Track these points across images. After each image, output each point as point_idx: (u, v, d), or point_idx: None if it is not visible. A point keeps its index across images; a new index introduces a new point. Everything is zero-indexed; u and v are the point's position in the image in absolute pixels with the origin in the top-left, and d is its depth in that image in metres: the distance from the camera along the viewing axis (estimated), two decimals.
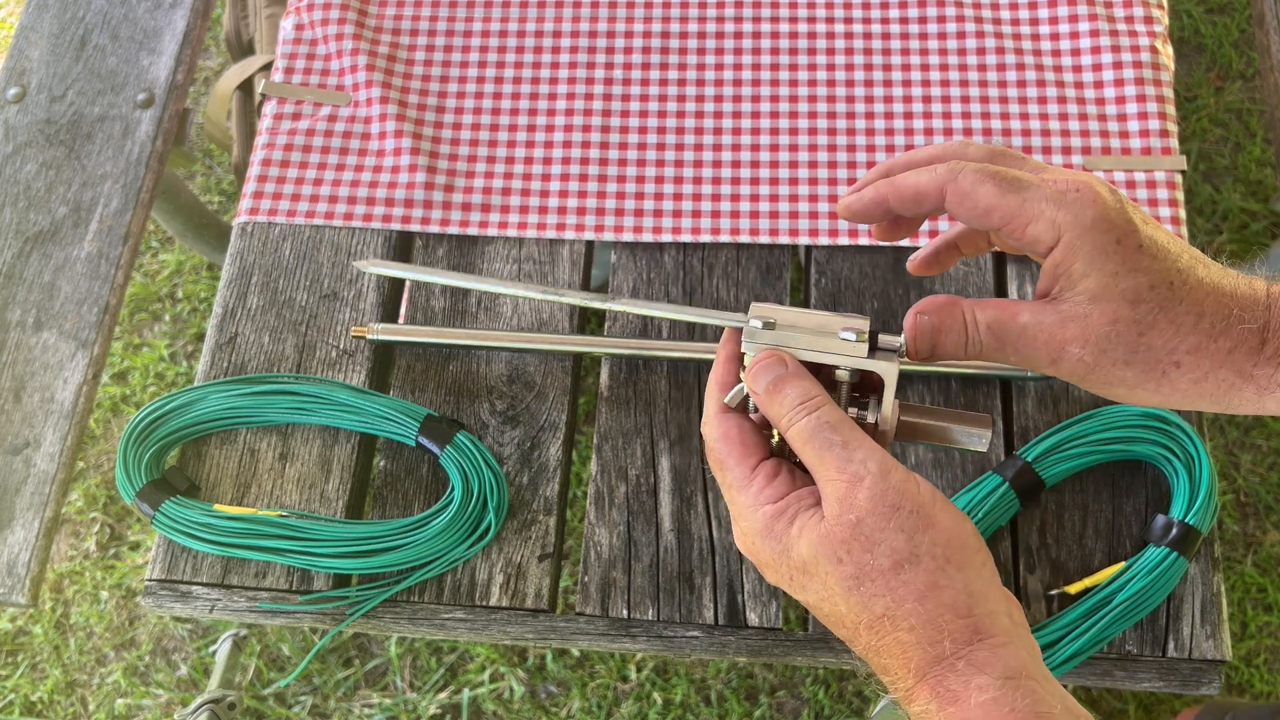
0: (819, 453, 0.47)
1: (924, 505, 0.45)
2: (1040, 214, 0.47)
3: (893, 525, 0.45)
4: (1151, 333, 0.47)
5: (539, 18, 1.01)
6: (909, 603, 0.44)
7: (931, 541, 0.45)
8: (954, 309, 0.49)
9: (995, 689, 0.42)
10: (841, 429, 0.47)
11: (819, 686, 1.45)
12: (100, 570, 1.59)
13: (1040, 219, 0.47)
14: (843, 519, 0.45)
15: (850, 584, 0.45)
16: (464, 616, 0.80)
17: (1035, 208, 0.47)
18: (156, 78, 1.09)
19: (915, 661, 0.44)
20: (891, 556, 0.45)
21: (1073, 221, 0.47)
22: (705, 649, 0.78)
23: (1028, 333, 0.48)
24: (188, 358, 1.74)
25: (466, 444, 0.81)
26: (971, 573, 0.45)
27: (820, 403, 0.48)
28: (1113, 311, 0.47)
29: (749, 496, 0.49)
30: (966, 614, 0.44)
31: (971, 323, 0.49)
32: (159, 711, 1.50)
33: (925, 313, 0.50)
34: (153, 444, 0.83)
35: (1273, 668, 1.44)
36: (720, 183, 0.93)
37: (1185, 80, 1.82)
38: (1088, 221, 0.47)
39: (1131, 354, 0.47)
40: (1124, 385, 0.48)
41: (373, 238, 0.92)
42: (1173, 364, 0.47)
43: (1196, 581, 0.77)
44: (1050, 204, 0.47)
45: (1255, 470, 1.57)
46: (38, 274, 1.00)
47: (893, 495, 0.45)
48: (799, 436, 0.48)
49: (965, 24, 0.97)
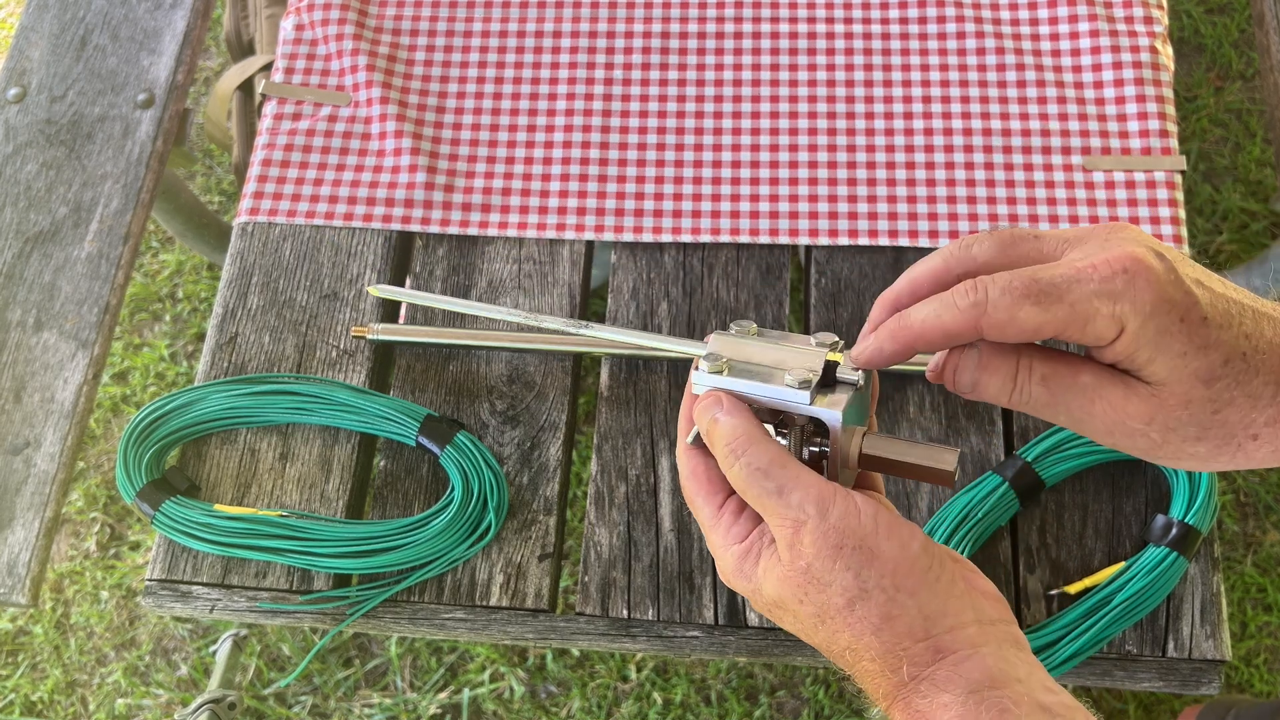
0: (757, 500, 0.47)
1: (866, 538, 0.45)
2: (1095, 312, 0.42)
3: (839, 566, 0.45)
4: (1227, 410, 0.43)
5: (539, 18, 1.01)
6: (866, 636, 0.45)
7: (879, 574, 0.44)
8: (1008, 351, 0.45)
9: (959, 705, 0.42)
10: (773, 473, 0.46)
11: (819, 686, 1.45)
12: (100, 570, 1.60)
13: (1097, 317, 0.42)
14: (794, 565, 0.46)
15: (815, 621, 0.46)
16: (464, 616, 0.80)
17: (1088, 308, 0.42)
18: (157, 78, 1.09)
19: (882, 688, 0.45)
20: (844, 595, 0.45)
21: (1133, 311, 0.42)
22: (705, 649, 0.78)
23: (1087, 396, 0.44)
24: (188, 358, 1.74)
25: (466, 444, 0.81)
26: (925, 595, 0.45)
27: (744, 445, 0.46)
28: (1185, 394, 0.43)
29: (719, 535, 0.49)
30: (924, 637, 0.44)
31: (1025, 369, 0.45)
32: (159, 711, 1.50)
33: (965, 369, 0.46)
34: (153, 444, 0.83)
35: (1273, 667, 1.45)
36: (720, 183, 0.93)
37: (1185, 80, 1.82)
38: (1148, 308, 0.42)
39: (1204, 431, 0.43)
40: (1194, 460, 0.45)
41: (373, 238, 0.92)
42: (1249, 437, 0.44)
43: (1196, 581, 0.77)
44: (1104, 300, 0.42)
45: (1255, 470, 1.57)
46: (38, 274, 1.00)
47: (833, 535, 0.45)
48: (736, 483, 0.47)
49: (965, 24, 0.97)
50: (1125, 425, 0.44)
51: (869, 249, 0.90)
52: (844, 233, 0.90)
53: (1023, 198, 0.90)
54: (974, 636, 0.44)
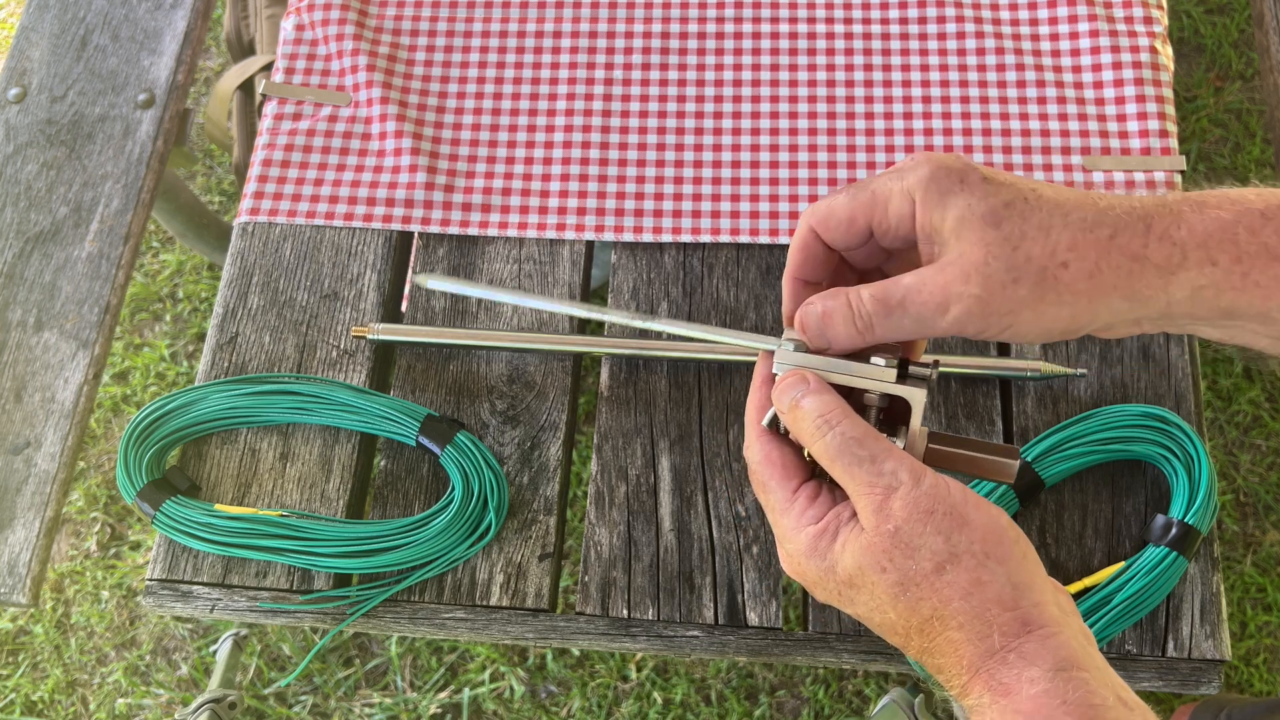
0: (848, 469, 0.48)
1: (956, 505, 0.46)
2: (889, 191, 0.49)
3: (929, 529, 0.45)
4: (1025, 243, 0.46)
5: (539, 18, 1.01)
6: (955, 601, 0.45)
7: (969, 539, 0.45)
8: (838, 292, 0.50)
9: (1046, 681, 0.43)
10: (867, 443, 0.48)
11: (819, 686, 1.45)
12: (101, 570, 1.60)
13: (892, 196, 0.49)
14: (881, 529, 0.46)
15: (896, 590, 0.46)
16: (464, 616, 0.80)
17: (884, 188, 0.49)
18: (157, 78, 1.09)
19: (967, 658, 0.45)
20: (932, 559, 0.45)
21: (916, 181, 0.48)
22: (705, 649, 0.78)
23: (911, 291, 0.48)
24: (188, 358, 1.74)
25: (467, 444, 0.81)
26: (1013, 565, 0.45)
27: (840, 417, 0.49)
28: (980, 239, 0.47)
29: (792, 519, 0.50)
30: (1013, 606, 0.44)
31: (856, 300, 0.49)
32: (160, 711, 1.50)
33: (811, 301, 0.51)
34: (153, 444, 0.83)
35: (1272, 667, 1.45)
36: (720, 183, 0.93)
37: (1185, 80, 1.82)
38: (927, 175, 0.48)
39: (1015, 270, 0.46)
40: (1027, 308, 0.47)
41: (373, 238, 0.93)
42: (1059, 265, 0.46)
43: (1196, 581, 0.77)
44: (894, 179, 0.49)
45: (1255, 470, 1.57)
46: (38, 274, 1.00)
47: (925, 500, 0.46)
48: (825, 453, 0.49)
49: (965, 24, 0.97)
50: (949, 293, 0.47)
51: None
52: None
53: None
54: (1057, 617, 0.45)
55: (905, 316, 0.48)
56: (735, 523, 0.81)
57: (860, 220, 0.50)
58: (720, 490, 0.82)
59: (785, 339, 0.52)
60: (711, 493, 0.82)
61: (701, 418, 0.84)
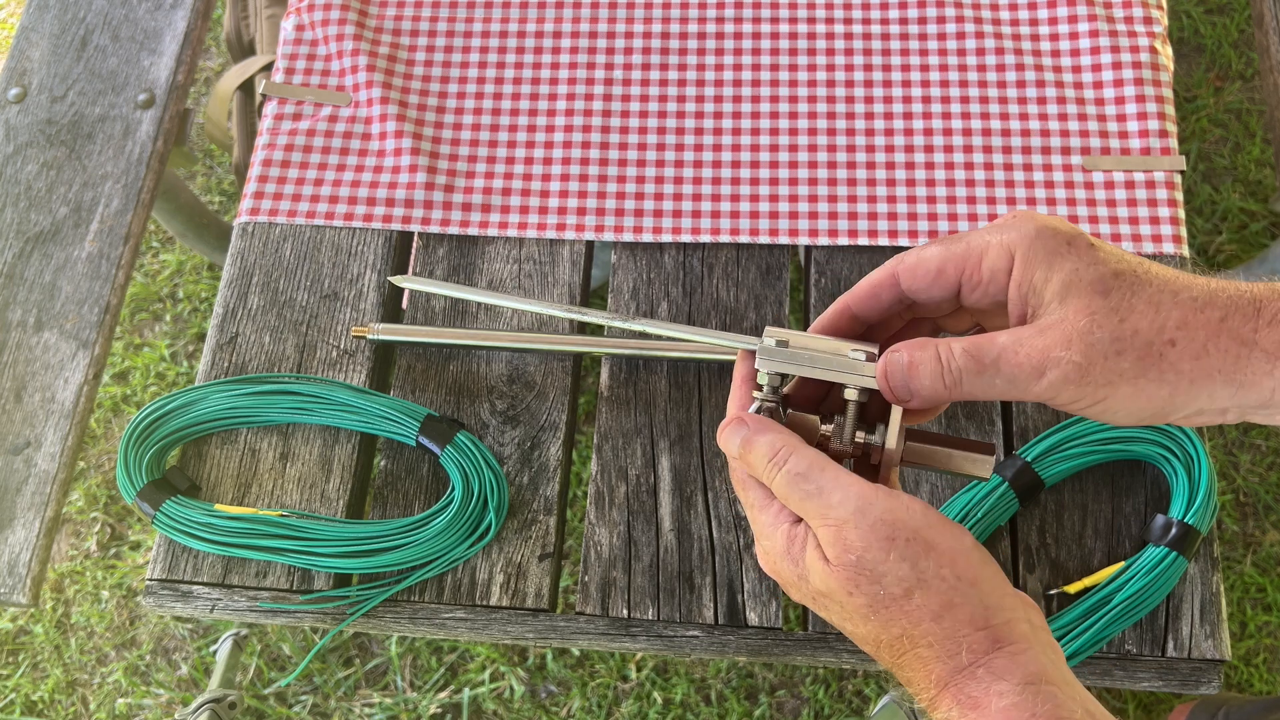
0: (799, 505, 0.48)
1: (919, 530, 0.46)
2: (988, 245, 0.48)
3: (893, 557, 0.45)
4: (1133, 316, 0.45)
5: (539, 18, 1.01)
6: (925, 623, 0.45)
7: (937, 564, 0.45)
8: (926, 343, 0.48)
9: (1015, 694, 0.43)
10: (812, 475, 0.48)
11: (819, 686, 1.45)
12: (101, 570, 1.60)
13: (989, 249, 0.48)
14: (843, 560, 0.46)
15: (866, 612, 0.46)
16: (464, 616, 0.80)
17: (980, 242, 0.48)
18: (157, 78, 1.09)
19: (936, 673, 0.45)
20: (900, 585, 0.45)
21: (1019, 238, 0.47)
22: (705, 648, 0.78)
23: (1007, 350, 0.46)
24: (188, 358, 1.74)
25: (467, 444, 0.81)
26: (985, 586, 0.46)
27: (786, 455, 0.49)
28: (1086, 306, 0.45)
29: (770, 516, 0.50)
30: (984, 625, 0.45)
31: (946, 353, 0.47)
32: (160, 711, 1.50)
33: (897, 350, 0.49)
34: (153, 444, 0.83)
35: (1272, 667, 1.45)
36: (720, 183, 0.93)
37: (1185, 80, 1.82)
38: (1033, 232, 0.47)
39: (1120, 342, 0.45)
40: (1127, 383, 0.45)
41: (373, 238, 0.93)
42: (1166, 343, 0.45)
43: (1196, 581, 0.77)
44: (994, 233, 0.48)
45: (1254, 470, 1.57)
46: (39, 274, 1.00)
47: (882, 528, 0.46)
48: (779, 492, 0.49)
49: (965, 24, 0.97)
50: (1048, 357, 0.45)
51: (869, 249, 0.90)
52: (844, 233, 0.90)
53: (1022, 198, 0.90)
54: (1026, 633, 0.45)
55: (998, 376, 0.47)
56: (735, 523, 0.81)
57: (951, 272, 0.49)
58: (720, 490, 0.82)
59: (767, 336, 0.52)
60: (711, 493, 0.82)
61: (701, 418, 0.84)
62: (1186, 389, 0.45)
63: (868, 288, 0.52)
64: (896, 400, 0.50)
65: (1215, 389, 0.45)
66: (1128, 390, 0.45)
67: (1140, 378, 0.45)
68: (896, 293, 0.51)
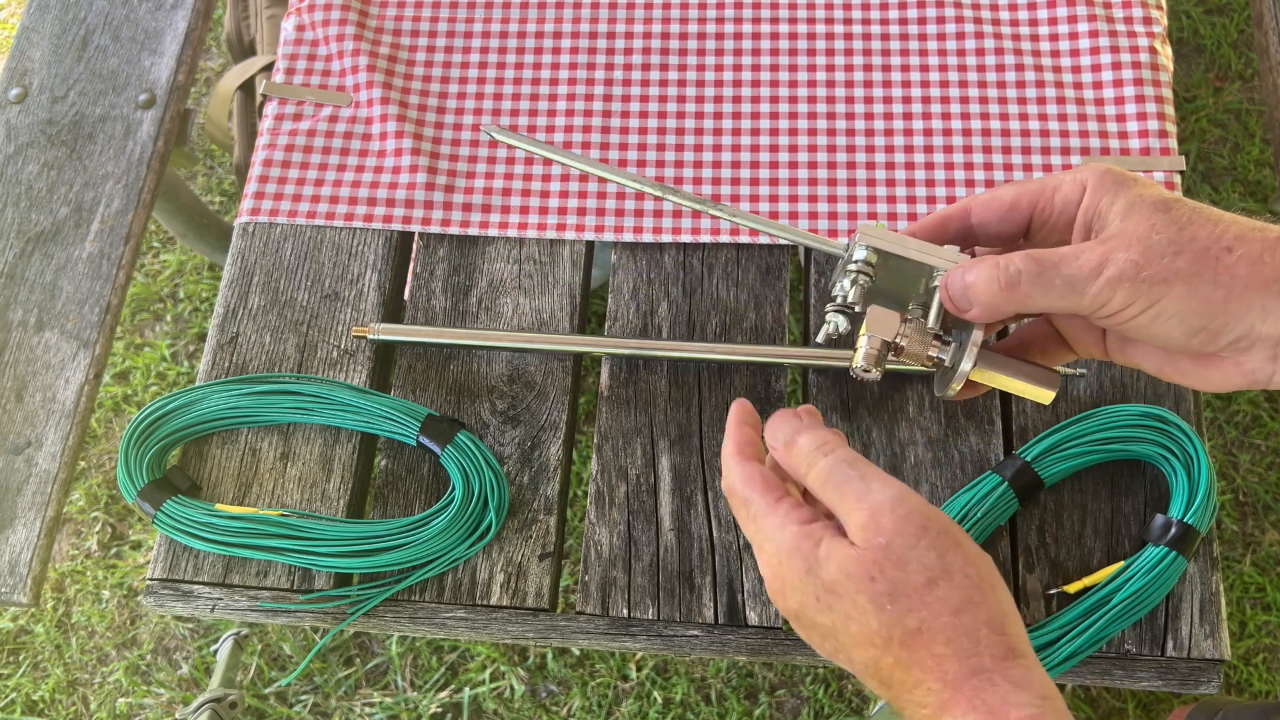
0: (838, 488, 0.48)
1: (949, 528, 0.47)
2: (1060, 180, 0.51)
3: (923, 544, 0.46)
4: (1191, 226, 0.47)
5: (539, 18, 1.01)
6: (944, 617, 0.45)
7: (964, 560, 0.46)
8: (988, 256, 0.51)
9: (1034, 708, 0.43)
10: (857, 464, 0.49)
11: (819, 685, 1.45)
12: (102, 569, 1.60)
13: (1063, 184, 0.51)
14: (871, 542, 0.46)
15: (883, 600, 0.46)
16: (465, 616, 0.80)
17: (1054, 178, 0.51)
18: (158, 78, 1.09)
19: (951, 674, 0.44)
20: (924, 573, 0.45)
21: (1091, 173, 0.50)
22: (705, 648, 0.78)
23: (1068, 255, 0.48)
24: (189, 357, 1.74)
25: (467, 443, 0.81)
26: (1001, 594, 0.46)
27: (835, 445, 0.51)
28: (1147, 217, 0.48)
29: (777, 519, 0.50)
30: (1000, 631, 0.45)
31: (1005, 259, 0.49)
32: (160, 710, 1.50)
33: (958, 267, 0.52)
34: (154, 443, 0.83)
35: (1271, 667, 1.45)
36: (720, 183, 0.93)
37: (1184, 81, 1.82)
38: (1103, 169, 0.50)
39: (1177, 244, 0.47)
40: (1181, 280, 0.46)
41: (373, 238, 0.93)
42: (1224, 249, 0.46)
43: (1195, 581, 0.77)
44: (1066, 173, 0.52)
45: (1254, 470, 1.57)
46: (39, 274, 1.00)
47: (917, 517, 0.46)
48: (818, 478, 0.50)
49: (965, 24, 0.97)
50: (1109, 258, 0.47)
51: None
52: (844, 233, 0.90)
53: None
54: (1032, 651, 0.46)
55: (1057, 276, 0.48)
56: (735, 522, 0.81)
57: (1024, 204, 0.52)
58: (720, 490, 0.82)
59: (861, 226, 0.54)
60: (711, 492, 0.82)
61: (701, 418, 0.84)
62: (1240, 294, 0.46)
63: (936, 219, 0.54)
64: (956, 309, 0.51)
65: (1268, 301, 0.46)
66: (1181, 290, 0.47)
67: (1195, 277, 0.46)
68: (964, 225, 0.54)
